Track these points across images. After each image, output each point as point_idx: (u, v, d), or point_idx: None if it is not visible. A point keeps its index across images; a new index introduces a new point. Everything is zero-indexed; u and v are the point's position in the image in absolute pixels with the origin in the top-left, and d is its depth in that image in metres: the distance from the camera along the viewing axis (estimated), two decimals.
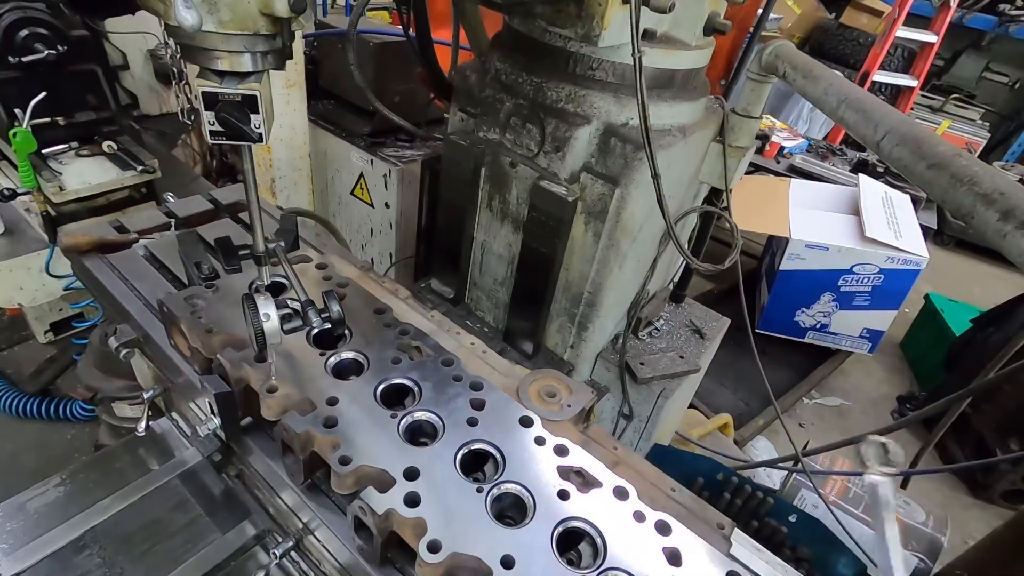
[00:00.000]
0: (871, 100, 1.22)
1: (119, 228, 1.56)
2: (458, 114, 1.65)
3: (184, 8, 0.72)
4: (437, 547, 0.76)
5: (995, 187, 0.94)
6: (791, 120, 6.12)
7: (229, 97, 0.83)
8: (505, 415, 0.98)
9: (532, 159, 1.47)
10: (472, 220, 1.73)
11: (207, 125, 0.84)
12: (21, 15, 1.86)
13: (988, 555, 1.49)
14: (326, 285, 1.19)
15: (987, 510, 3.30)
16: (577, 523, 0.84)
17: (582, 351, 1.75)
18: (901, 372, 4.25)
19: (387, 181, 2.67)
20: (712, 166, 1.65)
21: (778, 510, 1.70)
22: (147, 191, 2.32)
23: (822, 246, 3.56)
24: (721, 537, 0.92)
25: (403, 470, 0.86)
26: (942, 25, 5.73)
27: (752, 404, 3.59)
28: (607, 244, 1.51)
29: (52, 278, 2.18)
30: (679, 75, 1.45)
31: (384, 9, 4.85)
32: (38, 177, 1.99)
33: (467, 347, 1.19)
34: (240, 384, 0.98)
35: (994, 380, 1.58)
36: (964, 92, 7.51)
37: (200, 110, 0.84)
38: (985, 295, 4.96)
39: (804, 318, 3.87)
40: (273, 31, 0.83)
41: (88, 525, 1.21)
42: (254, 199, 0.97)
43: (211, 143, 0.98)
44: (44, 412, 2.70)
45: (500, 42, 1.59)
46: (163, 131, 3.12)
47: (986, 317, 3.64)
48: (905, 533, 2.09)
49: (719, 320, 2.12)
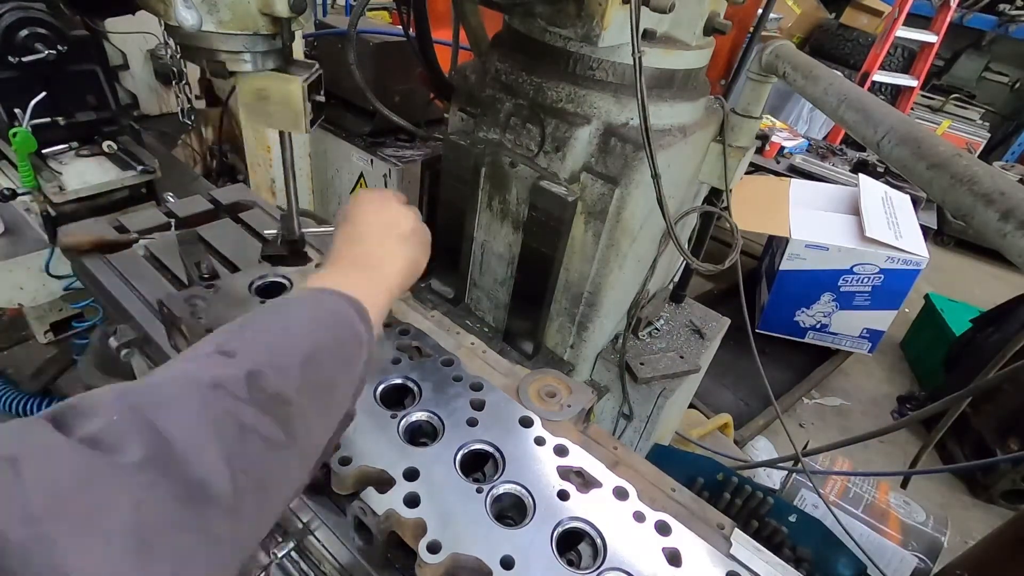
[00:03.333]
0: (871, 100, 1.22)
1: (119, 228, 1.56)
2: (458, 114, 1.65)
3: (184, 8, 0.72)
4: (437, 547, 0.77)
5: (995, 187, 0.95)
6: (791, 120, 6.12)
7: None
8: (505, 415, 0.98)
9: (532, 159, 1.47)
10: (472, 220, 1.73)
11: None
12: (21, 15, 1.86)
13: (988, 555, 1.49)
14: None
15: (987, 510, 3.30)
16: (577, 523, 0.84)
17: (582, 351, 1.75)
18: (901, 372, 4.25)
19: (387, 181, 2.67)
20: (712, 166, 1.65)
21: (778, 510, 1.70)
22: (147, 191, 2.32)
23: (822, 246, 3.55)
24: (721, 537, 0.92)
25: (403, 470, 0.86)
26: (942, 25, 5.73)
27: (752, 404, 3.59)
28: (607, 244, 1.51)
29: (52, 278, 2.17)
30: (679, 75, 1.45)
31: (384, 9, 4.85)
32: (38, 177, 1.99)
33: (467, 347, 1.19)
34: None
35: (994, 380, 1.58)
36: (964, 92, 7.50)
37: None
38: (985, 295, 4.96)
39: (804, 318, 3.87)
40: (273, 31, 0.83)
41: None
42: (291, 187, 1.03)
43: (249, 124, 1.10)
44: None
45: (500, 42, 1.59)
46: (163, 131, 3.12)
47: (986, 317, 3.64)
48: (905, 533, 2.09)
49: (719, 320, 2.12)
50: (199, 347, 0.62)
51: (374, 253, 0.88)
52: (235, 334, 0.64)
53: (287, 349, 0.63)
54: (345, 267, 0.85)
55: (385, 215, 0.94)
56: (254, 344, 0.62)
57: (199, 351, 0.61)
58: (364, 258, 0.87)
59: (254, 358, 0.59)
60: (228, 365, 0.57)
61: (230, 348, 0.60)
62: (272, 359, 0.60)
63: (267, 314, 0.70)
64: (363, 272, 0.84)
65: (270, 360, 0.60)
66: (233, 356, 0.58)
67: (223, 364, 0.57)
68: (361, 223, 0.92)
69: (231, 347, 0.60)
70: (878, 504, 2.17)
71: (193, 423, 0.50)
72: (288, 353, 0.62)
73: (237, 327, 0.65)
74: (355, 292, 0.76)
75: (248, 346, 0.61)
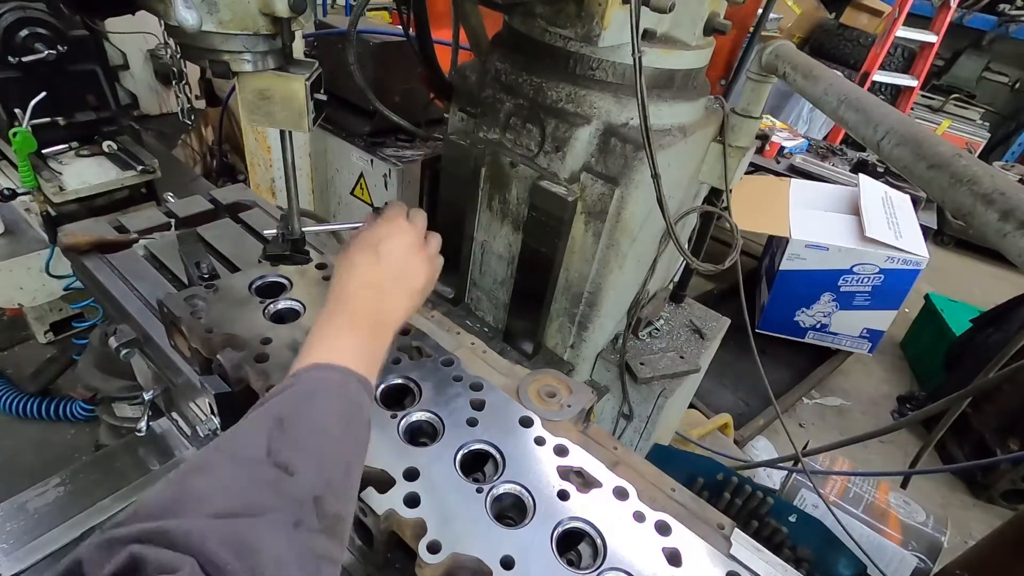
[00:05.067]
0: (871, 100, 1.22)
1: (119, 228, 1.56)
2: (458, 114, 1.65)
3: (184, 8, 0.72)
4: (437, 547, 0.76)
5: (995, 187, 0.94)
6: (791, 120, 6.11)
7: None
8: (505, 415, 0.98)
9: (532, 159, 1.47)
10: (472, 220, 1.73)
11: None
12: (21, 15, 1.86)
13: (988, 555, 1.49)
14: (326, 285, 1.19)
15: (987, 510, 3.30)
16: (577, 523, 0.84)
17: (582, 351, 1.75)
18: (901, 372, 4.25)
19: (387, 181, 2.67)
20: (712, 166, 1.65)
21: (778, 510, 1.70)
22: (147, 191, 2.32)
23: (822, 246, 3.55)
24: (721, 537, 0.92)
25: (403, 470, 0.86)
26: (942, 25, 5.73)
27: (752, 404, 3.59)
28: (607, 244, 1.51)
29: (52, 278, 2.18)
30: (679, 75, 1.45)
31: (384, 9, 4.85)
32: (38, 177, 1.99)
33: (467, 347, 1.19)
34: (240, 384, 0.98)
35: (994, 380, 1.58)
36: (964, 92, 7.50)
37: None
38: (985, 295, 4.96)
39: (804, 318, 3.87)
40: (273, 31, 0.83)
41: (88, 525, 1.21)
42: (292, 186, 1.04)
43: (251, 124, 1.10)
44: (44, 412, 2.70)
45: (500, 42, 1.59)
46: (163, 131, 3.12)
47: (986, 317, 3.64)
48: (905, 533, 2.09)
49: (719, 320, 2.12)
50: (247, 440, 0.66)
51: (385, 308, 0.89)
52: (281, 439, 0.66)
53: (334, 460, 0.69)
54: (358, 324, 0.85)
55: (407, 264, 0.94)
56: (306, 457, 0.66)
57: (249, 450, 0.64)
58: (377, 313, 0.87)
59: (313, 479, 0.64)
60: (295, 486, 0.62)
61: (284, 460, 0.64)
62: (325, 475, 0.66)
63: (302, 406, 0.71)
64: (372, 331, 0.86)
65: (326, 480, 0.66)
66: (293, 475, 0.63)
67: (289, 486, 0.62)
68: (383, 266, 0.91)
69: (284, 458, 0.64)
70: (878, 504, 2.17)
71: (283, 563, 0.55)
72: (335, 465, 0.68)
73: (277, 426, 0.68)
74: (363, 358, 0.80)
75: (302, 460, 0.65)
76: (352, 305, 0.86)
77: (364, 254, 0.92)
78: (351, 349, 0.81)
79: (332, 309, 0.86)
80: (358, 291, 0.88)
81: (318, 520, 0.61)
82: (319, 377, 0.76)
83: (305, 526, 0.59)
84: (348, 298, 0.87)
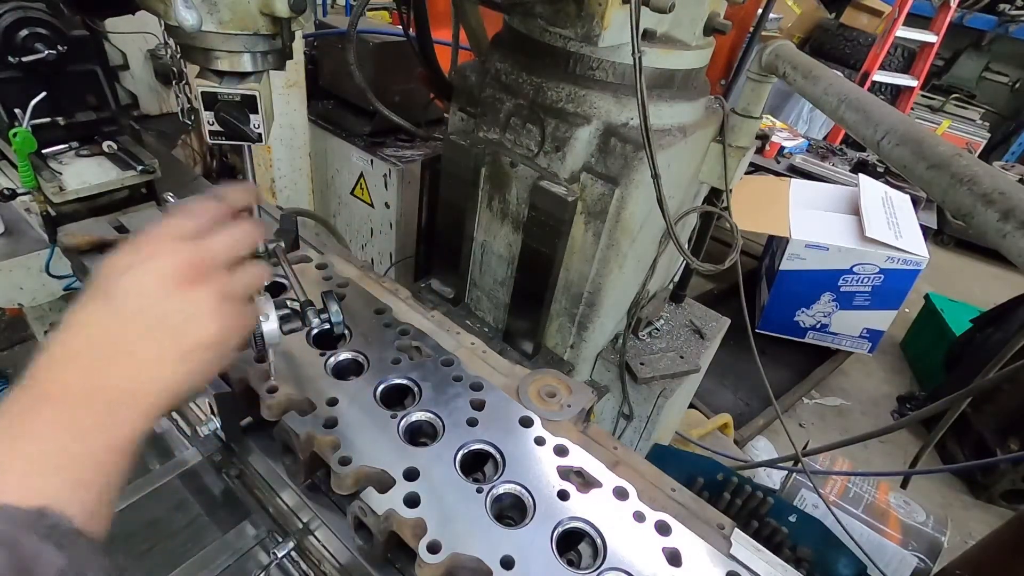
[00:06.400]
0: (871, 100, 1.22)
1: (119, 228, 1.56)
2: (458, 114, 1.65)
3: (184, 8, 0.72)
4: (437, 547, 0.76)
5: (995, 187, 0.94)
6: (791, 120, 6.12)
7: (228, 97, 0.84)
8: (505, 415, 0.98)
9: (532, 159, 1.47)
10: (472, 220, 1.73)
11: (206, 125, 0.85)
12: (21, 15, 1.86)
13: (988, 555, 1.49)
14: (326, 285, 1.19)
15: (987, 510, 3.30)
16: (577, 523, 0.84)
17: (582, 351, 1.75)
18: (901, 372, 4.25)
19: (387, 181, 2.67)
20: (712, 166, 1.65)
21: (778, 510, 1.70)
22: (147, 191, 2.32)
23: (822, 246, 3.56)
24: (721, 537, 0.92)
25: (403, 470, 0.85)
26: (942, 25, 5.73)
27: (752, 404, 3.59)
28: (607, 244, 1.51)
29: (52, 278, 2.17)
30: (679, 75, 1.45)
31: (384, 9, 4.86)
32: (38, 177, 1.99)
33: (467, 347, 1.19)
34: (240, 384, 0.97)
35: (994, 380, 1.58)
36: (964, 92, 7.51)
37: (200, 110, 0.84)
38: (985, 295, 4.96)
39: (804, 318, 3.87)
40: (273, 31, 0.83)
41: None
42: (249, 164, 0.98)
43: (210, 143, 0.99)
44: None
45: (500, 42, 1.59)
46: (163, 131, 3.12)
47: (986, 317, 3.64)
48: (905, 533, 2.09)
49: (719, 320, 2.12)
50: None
51: (120, 382, 0.57)
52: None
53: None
54: (61, 413, 0.53)
55: (163, 309, 0.59)
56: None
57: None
58: (100, 392, 0.55)
59: None
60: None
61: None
62: None
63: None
64: (96, 422, 0.54)
65: None
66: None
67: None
68: (118, 314, 0.58)
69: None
70: (878, 504, 2.17)
71: None
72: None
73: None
74: (69, 472, 0.51)
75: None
76: (55, 380, 0.55)
77: (90, 295, 0.59)
78: (41, 462, 0.50)
79: (23, 386, 0.55)
80: (70, 357, 0.56)
81: None
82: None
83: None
84: (51, 368, 0.56)
